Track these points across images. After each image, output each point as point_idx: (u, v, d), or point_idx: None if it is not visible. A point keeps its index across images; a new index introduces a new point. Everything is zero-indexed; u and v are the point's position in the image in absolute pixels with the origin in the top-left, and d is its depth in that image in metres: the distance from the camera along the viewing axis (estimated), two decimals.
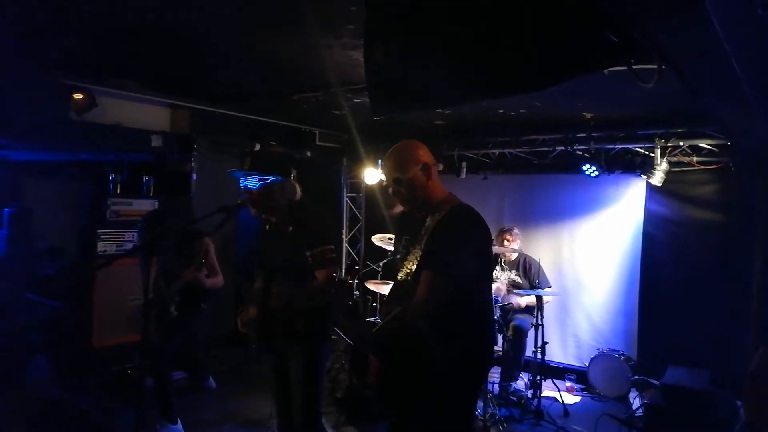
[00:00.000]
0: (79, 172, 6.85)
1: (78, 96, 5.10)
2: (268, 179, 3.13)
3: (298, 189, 3.29)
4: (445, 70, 2.32)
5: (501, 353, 5.74)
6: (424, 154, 2.65)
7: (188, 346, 5.31)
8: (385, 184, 2.66)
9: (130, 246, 5.76)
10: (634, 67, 2.41)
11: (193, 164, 6.28)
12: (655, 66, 2.45)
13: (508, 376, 5.72)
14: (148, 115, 5.96)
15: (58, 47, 4.36)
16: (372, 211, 8.27)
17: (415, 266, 2.51)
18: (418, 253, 2.52)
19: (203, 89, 5.75)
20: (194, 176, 6.28)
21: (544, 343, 5.57)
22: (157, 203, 6.03)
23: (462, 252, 2.47)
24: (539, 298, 5.54)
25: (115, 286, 5.65)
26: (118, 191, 5.93)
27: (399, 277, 2.58)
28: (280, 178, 3.16)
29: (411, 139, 2.77)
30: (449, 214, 2.55)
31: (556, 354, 6.42)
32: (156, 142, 5.93)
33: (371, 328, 2.39)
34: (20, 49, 4.38)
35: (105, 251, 5.70)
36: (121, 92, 5.51)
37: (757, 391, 3.75)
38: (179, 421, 4.53)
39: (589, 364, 6.03)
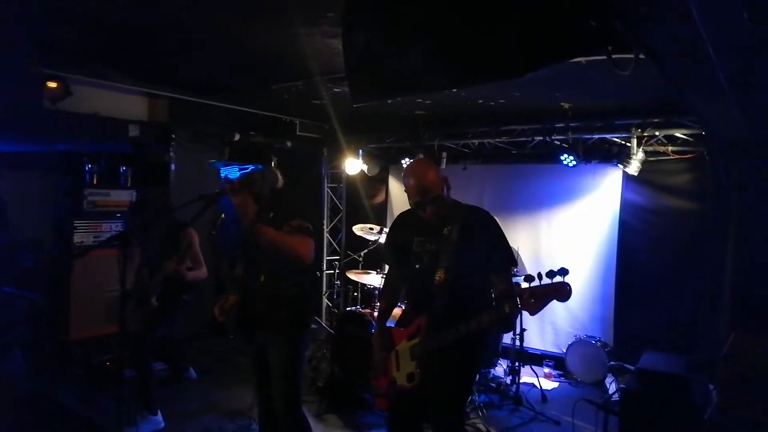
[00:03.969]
0: (55, 162, 6.73)
1: (52, 84, 5.00)
2: (248, 168, 3.11)
3: (280, 176, 3.28)
4: (424, 57, 2.33)
5: None
6: (437, 169, 2.97)
7: (169, 337, 5.28)
8: (416, 201, 2.89)
9: (107, 237, 5.70)
10: (612, 55, 2.44)
11: (171, 154, 6.21)
12: (633, 55, 2.48)
13: (487, 363, 5.79)
14: (125, 104, 5.87)
15: (31, 35, 4.28)
16: (353, 202, 8.29)
17: (449, 263, 2.80)
18: (449, 251, 2.81)
19: (182, 78, 5.69)
20: (173, 166, 6.22)
21: (523, 330, 5.65)
22: (135, 194, 5.97)
23: (505, 242, 2.98)
24: (517, 285, 5.59)
25: (92, 277, 5.59)
26: (95, 182, 5.85)
27: (436, 278, 2.84)
28: (260, 166, 3.15)
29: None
30: (475, 216, 2.94)
31: (534, 341, 6.51)
32: (133, 131, 5.85)
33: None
34: None
35: (82, 242, 5.64)
36: (97, 81, 5.42)
37: (729, 372, 3.85)
38: (159, 412, 4.52)
39: (567, 351, 6.13)
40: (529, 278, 2.51)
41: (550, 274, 2.46)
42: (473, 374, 3.17)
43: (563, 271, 2.46)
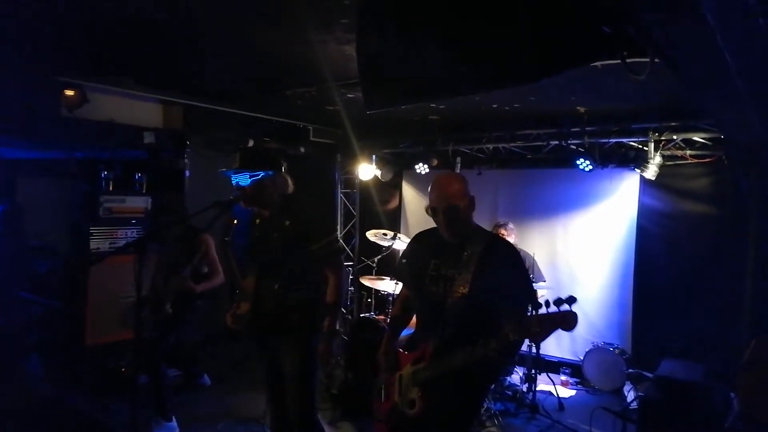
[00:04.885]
0: (71, 169, 6.81)
1: (69, 92, 5.07)
2: (259, 175, 3.12)
3: (291, 182, 3.28)
4: (437, 63, 2.31)
5: None
6: (468, 188, 2.84)
7: (183, 344, 5.30)
8: (435, 206, 2.76)
9: (123, 243, 5.74)
10: (627, 60, 2.40)
11: (186, 161, 6.25)
12: (648, 59, 2.45)
13: (503, 371, 5.74)
14: (140, 111, 5.92)
15: (49, 43, 4.33)
16: (366, 207, 8.27)
17: (465, 290, 2.69)
18: (466, 277, 2.70)
19: (196, 85, 5.73)
20: (187, 173, 6.25)
21: None
22: (150, 200, 6.01)
23: (528, 282, 2.87)
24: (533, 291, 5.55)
25: (108, 283, 5.62)
26: (111, 188, 5.90)
27: (448, 304, 2.73)
28: (271, 172, 3.15)
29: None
30: (497, 246, 2.81)
31: (551, 348, 6.44)
32: (149, 138, 5.89)
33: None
34: (10, 46, 4.34)
35: (98, 249, 5.68)
36: (113, 88, 5.47)
37: (750, 379, 3.78)
38: (174, 419, 4.53)
39: (584, 358, 6.05)
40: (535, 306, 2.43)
41: (558, 302, 2.38)
42: (476, 404, 3.08)
43: (571, 300, 2.37)
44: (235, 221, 3.36)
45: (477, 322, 2.64)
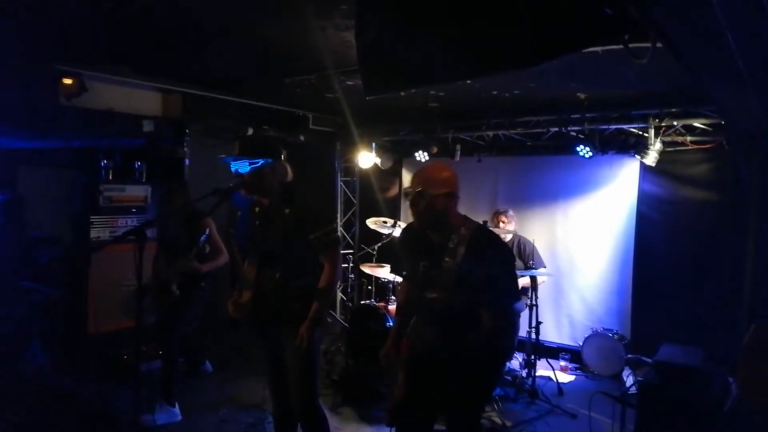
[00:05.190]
0: (71, 158, 6.80)
1: (67, 81, 5.04)
2: (258, 162, 3.12)
3: (290, 170, 3.29)
4: (437, 48, 2.30)
5: None
6: (454, 183, 2.78)
7: (187, 330, 5.32)
8: (408, 190, 2.78)
9: (123, 232, 5.76)
10: (628, 45, 2.39)
11: (185, 149, 6.24)
12: (649, 44, 2.43)
13: (502, 359, 5.75)
14: (139, 100, 5.91)
15: (47, 32, 4.30)
16: (366, 195, 8.28)
17: (450, 286, 2.67)
18: (452, 267, 2.66)
19: (195, 74, 5.71)
20: (187, 161, 6.25)
21: (539, 323, 5.61)
22: (150, 189, 6.01)
23: (513, 270, 2.89)
24: (533, 278, 5.57)
25: (109, 272, 5.65)
26: (111, 177, 5.90)
27: (429, 296, 2.74)
28: (270, 160, 3.15)
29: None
30: (481, 238, 2.74)
31: (551, 334, 6.47)
32: (148, 127, 5.89)
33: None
34: (8, 35, 4.32)
35: (98, 237, 5.70)
36: (111, 77, 5.45)
37: (749, 363, 3.80)
38: (177, 404, 4.56)
39: (583, 344, 6.08)
40: None
41: None
42: (473, 391, 2.90)
43: None
44: (239, 213, 3.38)
45: (459, 312, 2.69)
